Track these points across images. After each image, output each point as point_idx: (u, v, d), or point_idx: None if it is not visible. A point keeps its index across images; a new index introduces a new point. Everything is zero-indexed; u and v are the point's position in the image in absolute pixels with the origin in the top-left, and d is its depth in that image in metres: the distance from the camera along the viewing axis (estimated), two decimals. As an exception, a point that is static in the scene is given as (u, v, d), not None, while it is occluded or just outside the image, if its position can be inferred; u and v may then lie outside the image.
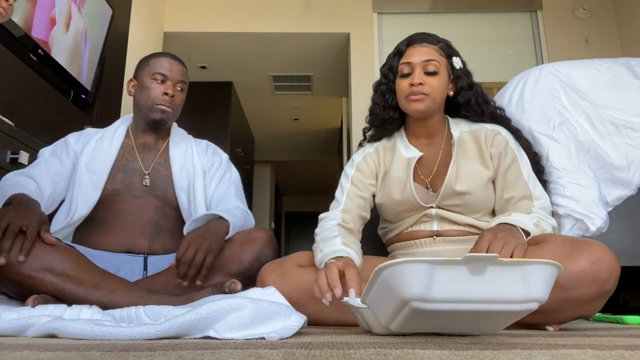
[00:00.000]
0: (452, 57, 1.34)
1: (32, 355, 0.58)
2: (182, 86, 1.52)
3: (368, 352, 0.61)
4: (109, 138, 1.50)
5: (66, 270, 1.11)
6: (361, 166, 1.40)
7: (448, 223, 1.29)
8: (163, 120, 1.49)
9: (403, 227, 1.34)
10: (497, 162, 1.30)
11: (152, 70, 1.49)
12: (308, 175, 8.35)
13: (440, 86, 1.30)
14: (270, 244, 1.33)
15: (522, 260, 0.69)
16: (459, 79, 1.35)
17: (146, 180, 1.45)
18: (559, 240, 1.06)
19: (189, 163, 1.53)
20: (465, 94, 1.34)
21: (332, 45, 4.03)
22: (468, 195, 1.25)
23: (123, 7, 2.85)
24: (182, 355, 0.58)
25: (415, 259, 0.68)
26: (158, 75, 1.47)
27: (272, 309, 0.81)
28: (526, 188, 1.26)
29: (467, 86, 1.35)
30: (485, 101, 1.38)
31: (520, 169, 1.28)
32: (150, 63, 1.51)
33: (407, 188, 1.30)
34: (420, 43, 1.33)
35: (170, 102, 1.48)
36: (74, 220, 1.36)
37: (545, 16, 3.76)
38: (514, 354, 0.60)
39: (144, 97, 1.48)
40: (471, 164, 1.29)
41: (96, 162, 1.43)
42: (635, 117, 1.49)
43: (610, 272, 0.98)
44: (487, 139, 1.32)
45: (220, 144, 1.79)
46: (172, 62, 1.51)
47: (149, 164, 1.49)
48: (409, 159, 1.34)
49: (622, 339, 0.81)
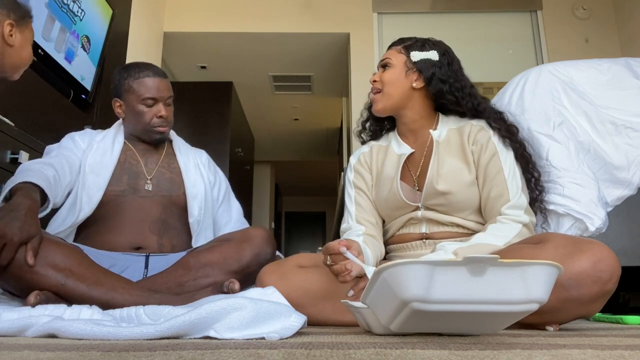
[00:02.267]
0: (410, 52, 1.37)
1: (32, 355, 0.58)
2: (170, 100, 1.53)
3: (368, 352, 0.61)
4: (110, 141, 1.51)
5: (69, 266, 1.12)
6: (357, 167, 1.44)
7: (436, 225, 1.29)
8: (163, 139, 1.54)
9: (394, 229, 1.35)
10: (477, 157, 1.28)
11: (140, 95, 1.47)
12: (308, 175, 8.35)
13: (392, 79, 1.35)
14: (268, 242, 1.35)
15: (522, 262, 0.69)
16: (423, 70, 1.34)
17: (148, 185, 1.47)
18: (561, 239, 1.05)
19: (198, 175, 1.56)
20: (436, 85, 1.33)
21: (332, 45, 4.03)
22: (450, 194, 1.25)
23: (123, 7, 2.85)
24: (182, 355, 0.58)
25: (415, 260, 0.68)
26: (148, 100, 1.47)
27: (272, 309, 0.81)
28: (504, 186, 1.23)
29: (438, 78, 1.33)
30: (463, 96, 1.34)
31: (501, 165, 1.25)
32: (135, 87, 1.48)
33: (394, 185, 1.32)
34: (388, 48, 1.43)
35: (165, 122, 1.50)
36: (79, 220, 1.38)
37: (545, 16, 3.76)
38: (514, 354, 0.60)
39: (137, 120, 1.49)
40: (453, 162, 1.29)
41: (99, 164, 1.44)
42: (635, 117, 1.49)
43: (611, 272, 0.97)
44: (470, 135, 1.31)
45: (220, 144, 1.81)
46: (158, 81, 1.49)
47: (152, 167, 1.51)
48: (400, 155, 1.37)
49: (622, 339, 0.81)
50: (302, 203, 9.63)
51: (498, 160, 1.26)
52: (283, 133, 6.31)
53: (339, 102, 5.25)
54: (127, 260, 1.34)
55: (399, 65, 1.36)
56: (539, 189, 1.35)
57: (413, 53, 1.36)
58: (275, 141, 6.56)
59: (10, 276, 1.08)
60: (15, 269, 1.07)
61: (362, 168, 1.43)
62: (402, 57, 1.37)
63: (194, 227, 1.48)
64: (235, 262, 1.29)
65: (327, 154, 7.06)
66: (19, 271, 1.07)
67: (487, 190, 1.25)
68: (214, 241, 1.39)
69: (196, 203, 1.49)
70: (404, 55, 1.37)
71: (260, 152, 6.57)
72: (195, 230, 1.48)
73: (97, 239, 1.36)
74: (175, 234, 1.45)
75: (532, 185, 1.33)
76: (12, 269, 1.07)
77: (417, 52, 1.36)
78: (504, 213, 1.21)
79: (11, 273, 1.07)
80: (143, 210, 1.42)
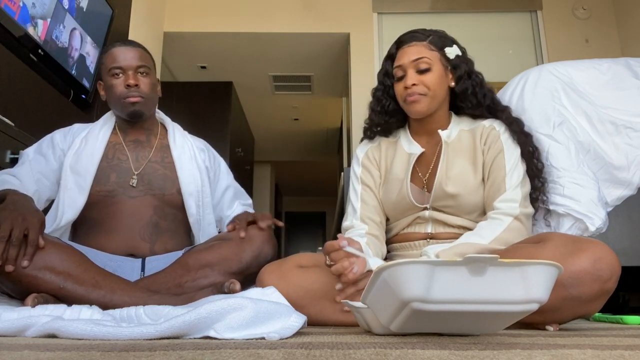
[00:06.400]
0: (444, 48, 1.30)
1: (32, 355, 0.58)
2: (145, 70, 1.42)
3: (368, 352, 0.61)
4: (94, 137, 1.43)
5: (67, 269, 1.10)
6: (365, 163, 1.40)
7: (442, 225, 1.29)
8: (138, 112, 1.40)
9: (399, 228, 1.34)
10: (485, 156, 1.29)
11: (107, 67, 1.40)
12: (308, 175, 8.35)
13: (435, 82, 1.28)
14: (269, 242, 1.32)
15: (522, 261, 0.69)
16: (457, 68, 1.31)
17: (134, 180, 1.38)
18: (561, 238, 1.05)
19: (194, 167, 1.47)
20: (463, 83, 1.31)
21: (332, 45, 4.03)
22: (459, 196, 1.25)
23: (123, 7, 2.85)
24: (182, 355, 0.58)
25: (415, 260, 0.68)
26: (115, 70, 1.38)
27: (272, 309, 0.81)
28: (502, 181, 1.23)
29: (466, 74, 1.31)
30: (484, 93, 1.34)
31: (505, 163, 1.25)
32: (104, 60, 1.42)
33: (404, 188, 1.30)
34: (408, 43, 1.31)
35: (137, 91, 1.38)
36: (62, 224, 1.32)
37: (545, 16, 3.76)
38: (514, 354, 0.60)
39: (111, 96, 1.41)
40: (462, 164, 1.28)
41: (81, 163, 1.37)
42: (635, 117, 1.49)
43: (611, 271, 0.97)
44: (482, 136, 1.30)
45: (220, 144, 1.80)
46: (123, 50, 1.40)
47: (141, 163, 1.42)
48: (410, 154, 1.34)
49: (622, 339, 0.81)
50: (302, 203, 9.63)
51: (503, 158, 1.26)
52: (283, 133, 6.31)
53: (339, 102, 5.25)
54: (123, 262, 1.32)
55: (436, 64, 1.29)
56: (542, 180, 1.34)
57: (448, 50, 1.30)
58: (275, 141, 6.56)
59: (8, 279, 1.07)
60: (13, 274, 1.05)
61: (371, 164, 1.40)
62: (435, 54, 1.29)
63: (195, 227, 1.45)
64: (235, 263, 1.27)
65: (327, 154, 7.06)
66: (16, 274, 1.06)
67: (488, 187, 1.26)
68: (214, 240, 1.36)
69: (192, 200, 1.43)
70: (436, 52, 1.30)
71: (260, 152, 6.56)
72: (196, 230, 1.45)
73: (91, 241, 1.33)
74: (169, 237, 1.39)
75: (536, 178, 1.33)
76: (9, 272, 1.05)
77: (450, 48, 1.30)
78: (496, 207, 1.21)
79: (8, 276, 1.06)
80: (133, 214, 1.35)
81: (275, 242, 1.36)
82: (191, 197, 1.43)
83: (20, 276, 1.06)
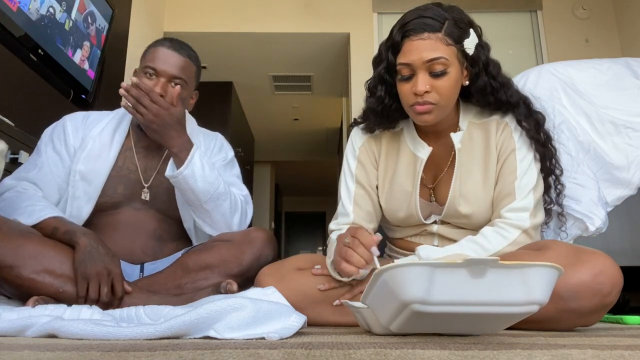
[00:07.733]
0: (462, 41, 1.07)
1: (32, 355, 0.58)
2: (180, 82, 1.30)
3: (368, 352, 0.61)
4: (108, 139, 1.35)
5: (66, 272, 1.10)
6: (362, 158, 1.25)
7: (448, 241, 1.21)
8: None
9: (403, 234, 1.28)
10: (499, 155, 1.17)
11: (145, 61, 1.29)
12: (308, 175, 8.35)
13: (451, 88, 1.07)
14: (269, 244, 1.29)
15: (523, 263, 0.69)
16: (474, 64, 1.10)
17: (145, 194, 1.34)
18: (562, 248, 1.01)
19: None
20: (480, 81, 1.12)
21: (332, 45, 4.03)
22: (472, 215, 1.16)
23: (123, 7, 2.85)
24: (182, 355, 0.58)
25: (416, 262, 0.68)
26: (149, 70, 1.27)
27: (272, 309, 0.81)
28: (512, 186, 1.12)
29: (484, 68, 1.11)
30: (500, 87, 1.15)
31: (517, 164, 1.14)
32: (146, 53, 1.32)
33: (412, 204, 1.19)
34: (419, 34, 1.05)
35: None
36: None
37: (545, 16, 3.76)
38: (514, 354, 0.60)
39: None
40: (475, 178, 1.16)
41: (92, 171, 1.30)
42: (635, 117, 1.50)
43: (612, 284, 0.94)
44: (496, 134, 1.17)
45: (220, 144, 1.76)
46: (167, 53, 1.29)
47: (149, 174, 1.36)
48: (416, 157, 1.19)
49: (622, 339, 0.81)
50: (302, 203, 9.63)
51: (515, 158, 1.14)
52: (283, 133, 6.31)
53: (339, 102, 5.25)
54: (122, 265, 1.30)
55: (454, 64, 1.06)
56: (559, 188, 1.23)
57: (467, 43, 1.07)
58: (275, 141, 6.56)
59: (7, 282, 1.06)
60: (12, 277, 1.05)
61: (368, 159, 1.25)
62: (452, 50, 1.06)
63: (191, 233, 1.41)
64: (235, 266, 1.24)
65: (327, 154, 7.07)
66: (15, 278, 1.05)
67: (498, 189, 1.15)
68: (214, 240, 1.33)
69: (187, 213, 1.36)
70: (453, 46, 1.06)
71: (260, 152, 6.57)
72: (192, 235, 1.42)
73: None
74: (170, 244, 1.35)
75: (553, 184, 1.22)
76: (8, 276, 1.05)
77: (469, 40, 1.07)
78: (504, 217, 1.11)
79: (8, 279, 1.05)
80: (136, 227, 1.31)
81: (276, 244, 1.33)
82: (186, 209, 1.37)
83: (20, 279, 1.06)
